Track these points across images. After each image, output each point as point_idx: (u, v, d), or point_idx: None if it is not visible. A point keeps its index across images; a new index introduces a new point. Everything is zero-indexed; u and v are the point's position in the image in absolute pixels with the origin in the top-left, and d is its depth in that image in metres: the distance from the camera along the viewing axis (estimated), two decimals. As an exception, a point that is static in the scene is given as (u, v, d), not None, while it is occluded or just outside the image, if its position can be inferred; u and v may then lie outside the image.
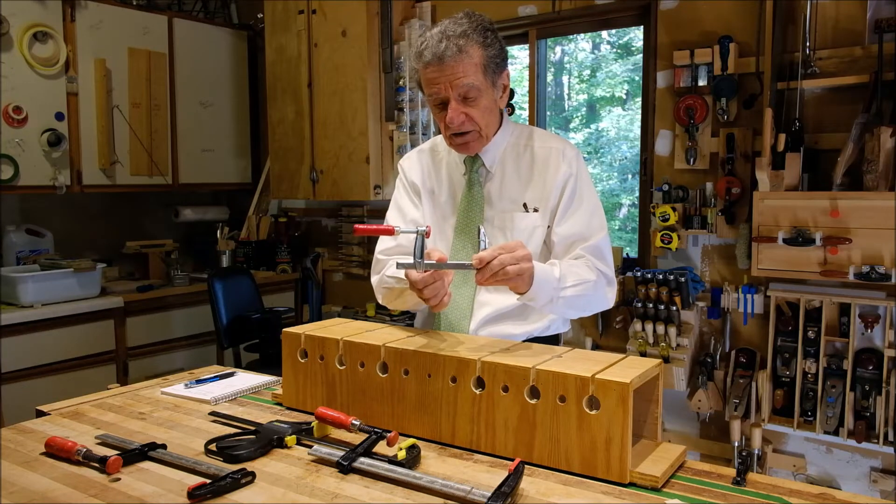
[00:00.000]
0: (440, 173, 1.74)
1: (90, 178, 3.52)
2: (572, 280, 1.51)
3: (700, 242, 2.85)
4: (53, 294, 3.15)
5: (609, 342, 3.06)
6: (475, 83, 1.53)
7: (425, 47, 1.53)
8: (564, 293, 1.49)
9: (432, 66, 1.52)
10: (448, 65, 1.51)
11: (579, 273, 1.53)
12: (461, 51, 1.51)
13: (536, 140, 1.69)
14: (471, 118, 1.56)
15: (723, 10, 2.71)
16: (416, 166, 1.77)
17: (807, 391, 2.53)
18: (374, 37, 3.44)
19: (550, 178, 1.62)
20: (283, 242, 4.13)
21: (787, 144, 2.48)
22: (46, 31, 3.29)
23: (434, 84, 1.53)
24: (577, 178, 1.63)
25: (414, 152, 1.82)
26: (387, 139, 3.53)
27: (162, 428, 1.39)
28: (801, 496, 1.08)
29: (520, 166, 1.66)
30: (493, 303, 1.63)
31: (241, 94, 4.26)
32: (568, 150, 1.66)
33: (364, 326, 1.52)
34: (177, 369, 3.17)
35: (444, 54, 1.50)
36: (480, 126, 1.58)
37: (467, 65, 1.52)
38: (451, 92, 1.53)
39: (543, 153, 1.66)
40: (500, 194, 1.66)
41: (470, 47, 1.52)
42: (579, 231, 1.61)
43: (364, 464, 1.16)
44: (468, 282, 1.63)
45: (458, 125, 1.55)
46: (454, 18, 1.56)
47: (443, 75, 1.52)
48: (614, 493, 1.09)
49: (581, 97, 5.46)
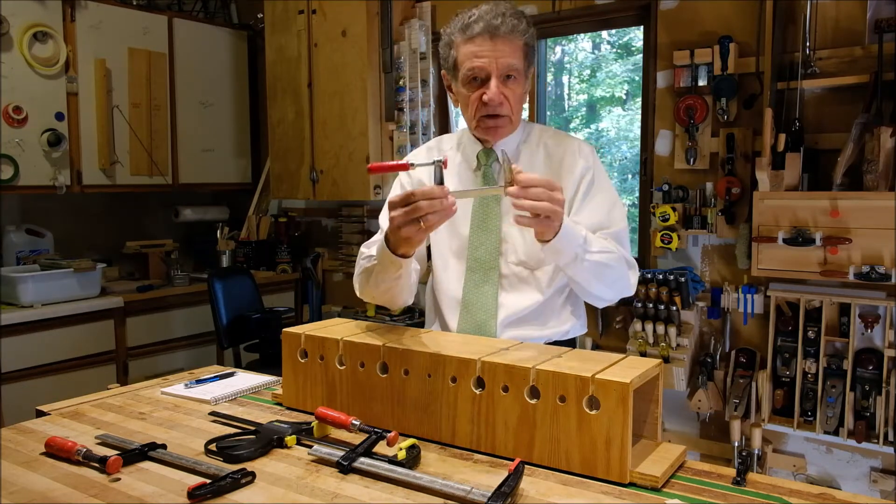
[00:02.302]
0: (449, 169, 1.66)
1: (90, 178, 3.52)
2: (598, 246, 1.46)
3: (700, 242, 2.85)
4: (53, 294, 3.16)
5: (609, 342, 3.06)
6: (519, 66, 1.52)
7: (474, 20, 1.50)
8: (590, 256, 1.44)
9: (482, 38, 1.49)
10: (501, 40, 1.48)
11: (603, 243, 1.50)
12: (514, 30, 1.49)
13: (550, 136, 1.67)
14: (506, 101, 1.53)
15: (723, 10, 2.71)
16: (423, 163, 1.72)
17: (807, 391, 2.53)
18: (374, 37, 3.44)
19: (567, 173, 1.60)
20: (283, 242, 4.13)
21: (787, 144, 2.48)
22: (46, 31, 3.29)
23: (479, 57, 1.50)
24: (594, 171, 1.61)
25: (422, 150, 1.77)
26: (387, 139, 3.53)
27: (162, 428, 1.38)
28: (801, 496, 1.08)
29: (534, 162, 1.64)
30: (509, 304, 1.60)
31: (241, 94, 4.26)
32: (584, 146, 1.65)
33: (364, 326, 1.51)
34: (177, 369, 3.17)
35: (500, 28, 1.48)
36: (513, 111, 1.56)
37: (516, 45, 1.51)
38: (496, 69, 1.49)
39: (559, 151, 1.64)
40: None
41: (519, 31, 1.51)
42: (599, 220, 1.57)
43: (364, 464, 1.15)
44: (489, 280, 1.60)
45: (497, 104, 1.52)
46: (494, 2, 1.54)
47: (493, 50, 1.49)
48: (614, 493, 1.09)
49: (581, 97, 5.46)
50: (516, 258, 1.61)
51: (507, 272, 1.61)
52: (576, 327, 1.67)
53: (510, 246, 1.61)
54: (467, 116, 1.61)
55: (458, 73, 1.56)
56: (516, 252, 1.60)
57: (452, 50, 1.56)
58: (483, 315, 1.60)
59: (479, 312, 1.60)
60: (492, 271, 1.60)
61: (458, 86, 1.58)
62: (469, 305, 1.61)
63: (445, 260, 1.66)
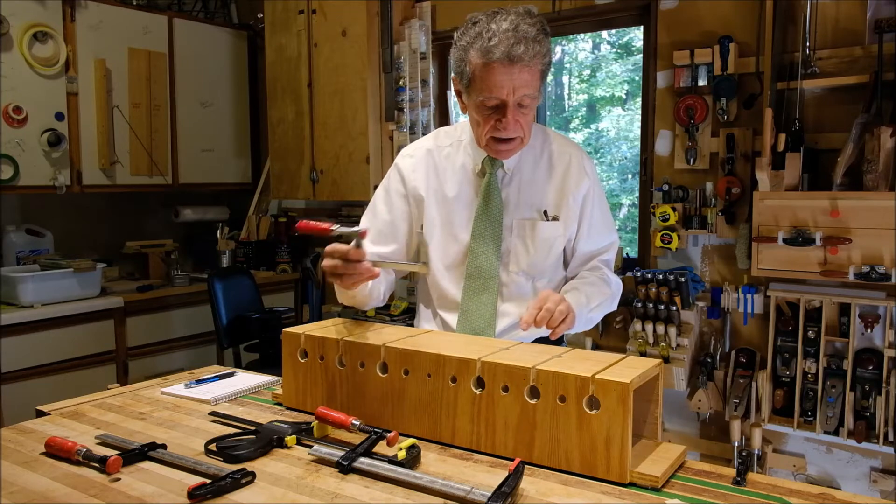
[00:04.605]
0: (447, 173, 1.64)
1: (90, 178, 3.52)
2: (597, 301, 1.58)
3: (700, 242, 2.85)
4: (53, 294, 3.15)
5: (609, 342, 3.06)
6: (535, 92, 1.46)
7: (495, 43, 1.40)
8: (591, 315, 1.56)
9: (501, 64, 1.40)
10: (519, 68, 1.41)
11: (601, 291, 1.60)
12: (535, 57, 1.41)
13: (553, 142, 1.65)
14: (520, 125, 1.49)
15: (723, 10, 2.71)
16: (420, 168, 1.66)
17: (807, 391, 2.53)
18: (374, 37, 3.44)
19: (571, 188, 1.61)
20: (283, 242, 4.13)
21: (787, 144, 2.48)
22: (46, 31, 3.29)
23: (497, 86, 1.42)
24: (594, 191, 1.65)
25: (419, 151, 1.69)
26: (387, 139, 3.53)
27: (162, 428, 1.38)
28: (801, 496, 1.08)
29: (538, 169, 1.62)
30: (509, 313, 1.61)
31: (241, 94, 4.26)
32: (587, 161, 1.66)
33: (364, 326, 1.51)
34: (177, 369, 3.16)
35: (521, 57, 1.40)
36: (526, 133, 1.52)
37: (534, 72, 1.44)
38: (512, 97, 1.44)
39: (563, 159, 1.63)
40: (519, 199, 1.60)
41: (540, 55, 1.43)
42: (597, 248, 1.67)
43: (364, 464, 1.15)
44: (489, 289, 1.59)
45: (511, 132, 1.48)
46: (521, 16, 1.43)
47: (511, 79, 1.41)
48: (614, 493, 1.09)
49: (581, 97, 5.46)
50: (518, 268, 1.61)
51: (507, 281, 1.62)
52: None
53: (513, 256, 1.62)
54: (476, 133, 1.56)
55: (472, 93, 1.49)
56: (518, 262, 1.61)
57: (467, 66, 1.47)
58: (481, 323, 1.60)
59: (476, 320, 1.61)
60: (491, 280, 1.59)
61: (470, 102, 1.52)
62: (467, 313, 1.62)
63: (444, 263, 1.65)
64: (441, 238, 1.64)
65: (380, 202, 1.70)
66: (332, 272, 1.38)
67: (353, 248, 1.35)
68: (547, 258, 1.62)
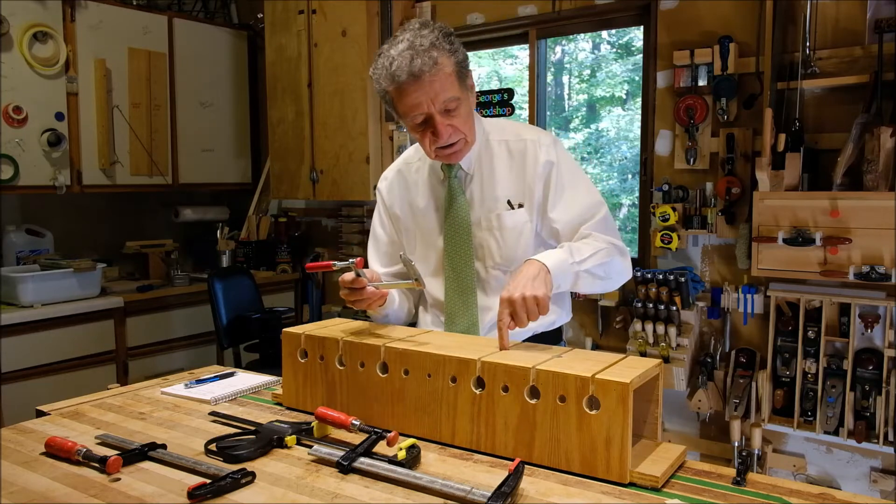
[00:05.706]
0: (418, 186, 1.70)
1: (90, 178, 3.52)
2: (588, 251, 1.49)
3: (700, 242, 2.85)
4: (53, 294, 3.15)
5: (609, 342, 3.06)
6: (455, 94, 1.48)
7: (396, 67, 1.43)
8: (585, 265, 1.47)
9: (409, 84, 1.44)
10: (426, 81, 1.43)
11: (591, 244, 1.51)
12: (436, 63, 1.43)
13: (509, 134, 1.65)
14: (456, 128, 1.52)
15: (723, 10, 2.71)
16: (394, 188, 1.74)
17: (807, 391, 2.53)
18: (374, 37, 3.44)
19: (531, 170, 1.60)
20: (283, 242, 4.13)
21: (787, 144, 2.48)
22: (46, 31, 3.29)
23: (415, 104, 1.47)
24: (558, 164, 1.60)
25: (391, 172, 1.77)
26: (387, 139, 3.54)
27: (162, 428, 1.38)
28: (801, 496, 1.08)
29: (497, 163, 1.63)
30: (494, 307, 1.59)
31: (241, 94, 4.26)
32: (543, 137, 1.63)
33: (364, 326, 1.52)
34: (177, 369, 3.17)
35: (422, 70, 1.42)
36: (465, 133, 1.55)
37: (444, 77, 1.45)
38: (434, 108, 1.47)
39: (519, 146, 1.62)
40: (483, 195, 1.63)
41: (442, 58, 1.45)
42: (579, 212, 1.58)
43: (364, 464, 1.16)
44: (467, 288, 1.63)
45: (447, 139, 1.51)
46: (413, 30, 1.48)
47: (423, 93, 1.45)
48: (614, 493, 1.09)
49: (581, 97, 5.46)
50: (493, 262, 1.63)
51: (486, 276, 1.64)
52: (561, 317, 1.68)
53: (486, 251, 1.63)
54: (423, 148, 1.60)
55: (401, 116, 1.53)
56: (492, 256, 1.63)
57: (386, 95, 1.51)
58: (466, 321, 1.64)
59: (462, 319, 1.64)
60: (468, 278, 1.63)
61: (405, 124, 1.56)
62: (452, 315, 1.65)
63: (429, 271, 1.69)
64: (421, 248, 1.70)
65: (377, 226, 1.79)
66: (348, 301, 1.52)
67: (354, 278, 1.47)
68: (517, 247, 1.61)
